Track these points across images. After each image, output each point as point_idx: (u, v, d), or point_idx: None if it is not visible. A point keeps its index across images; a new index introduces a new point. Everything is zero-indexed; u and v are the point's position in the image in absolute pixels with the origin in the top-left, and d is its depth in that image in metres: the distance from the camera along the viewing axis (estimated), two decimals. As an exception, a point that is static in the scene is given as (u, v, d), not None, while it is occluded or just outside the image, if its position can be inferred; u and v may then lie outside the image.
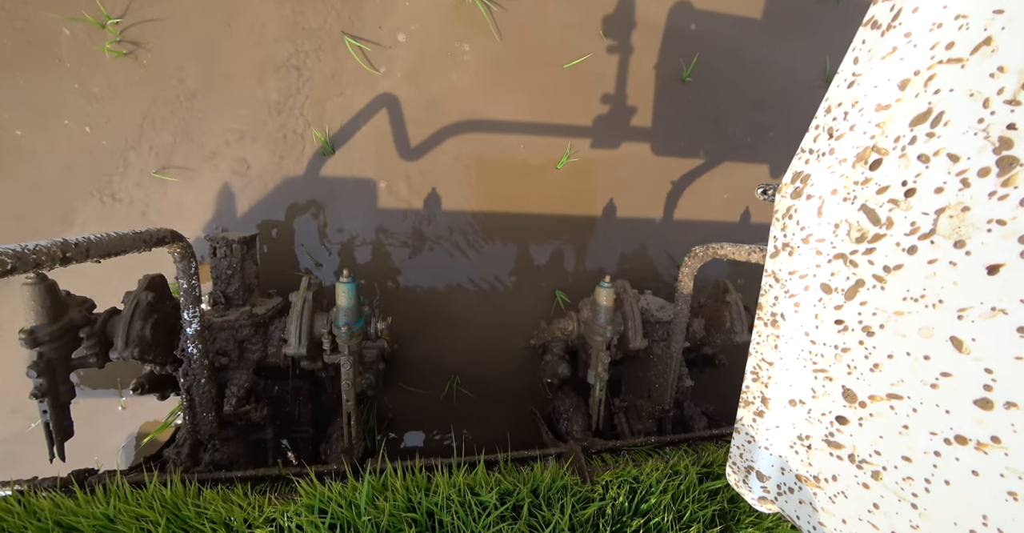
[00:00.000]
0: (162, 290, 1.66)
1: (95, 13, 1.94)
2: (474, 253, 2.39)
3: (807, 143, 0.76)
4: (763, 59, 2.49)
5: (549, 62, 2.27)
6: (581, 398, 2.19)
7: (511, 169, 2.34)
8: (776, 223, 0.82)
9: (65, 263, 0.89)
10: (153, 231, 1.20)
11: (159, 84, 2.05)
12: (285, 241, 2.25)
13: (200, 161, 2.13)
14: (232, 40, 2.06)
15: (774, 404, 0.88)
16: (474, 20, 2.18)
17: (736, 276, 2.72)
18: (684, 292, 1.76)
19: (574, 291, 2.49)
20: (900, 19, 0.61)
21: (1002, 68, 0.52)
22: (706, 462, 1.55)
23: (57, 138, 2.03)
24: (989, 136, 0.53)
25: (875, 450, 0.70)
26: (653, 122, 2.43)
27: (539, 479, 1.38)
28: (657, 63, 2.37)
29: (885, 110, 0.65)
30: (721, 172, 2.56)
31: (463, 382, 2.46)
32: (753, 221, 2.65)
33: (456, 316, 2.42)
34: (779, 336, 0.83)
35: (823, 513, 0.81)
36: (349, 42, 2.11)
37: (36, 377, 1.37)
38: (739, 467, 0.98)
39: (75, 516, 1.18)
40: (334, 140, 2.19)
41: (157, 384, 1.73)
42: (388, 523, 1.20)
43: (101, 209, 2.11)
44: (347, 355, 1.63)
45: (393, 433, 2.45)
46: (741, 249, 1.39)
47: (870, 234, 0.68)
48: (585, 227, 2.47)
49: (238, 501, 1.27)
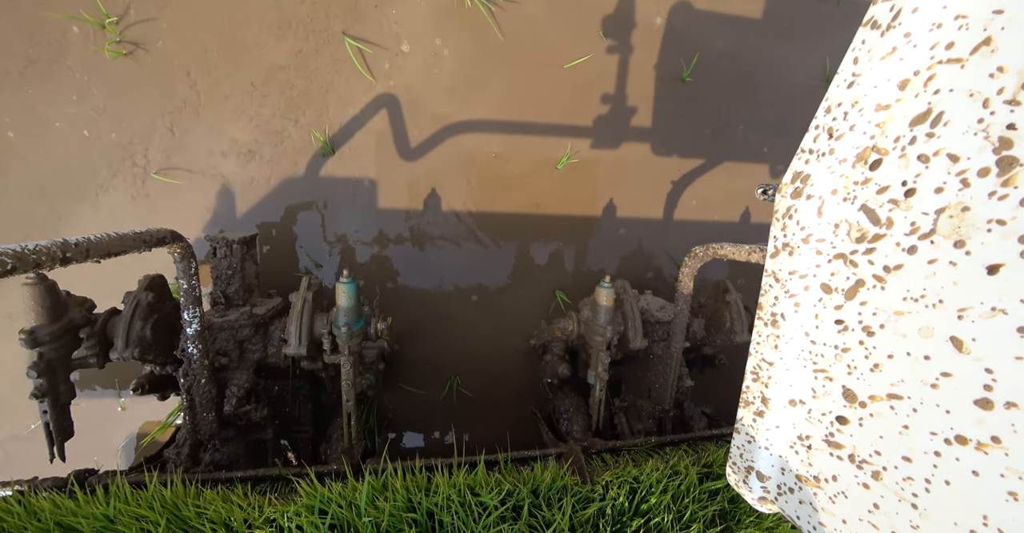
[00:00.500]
0: (162, 290, 1.66)
1: (95, 13, 1.94)
2: (474, 253, 2.40)
3: (807, 143, 0.76)
4: (763, 59, 2.49)
5: (549, 62, 2.27)
6: (581, 398, 2.19)
7: (511, 169, 2.34)
8: (776, 223, 0.82)
9: (65, 263, 0.89)
10: (153, 231, 1.20)
11: (159, 84, 2.05)
12: (285, 241, 2.25)
13: (200, 161, 2.13)
14: (232, 40, 2.06)
15: (774, 404, 0.88)
16: (475, 21, 2.18)
17: (736, 276, 2.72)
18: (684, 292, 1.76)
19: (574, 291, 2.49)
20: (900, 19, 0.61)
21: (1002, 68, 0.52)
22: (706, 462, 1.55)
23: (57, 138, 2.03)
24: (989, 136, 0.53)
25: (875, 450, 0.70)
26: (653, 122, 2.43)
27: (539, 479, 1.38)
28: (657, 63, 2.37)
29: (885, 110, 0.65)
30: (721, 172, 2.56)
31: (463, 382, 2.46)
32: (753, 221, 2.65)
33: (456, 316, 2.42)
34: (779, 336, 0.83)
35: (823, 513, 0.81)
36: (349, 43, 2.11)
37: (36, 377, 1.37)
38: (739, 467, 0.98)
39: (75, 517, 1.18)
40: (334, 141, 2.19)
41: (157, 384, 1.73)
42: (388, 523, 1.20)
43: (101, 209, 2.11)
44: (347, 355, 1.63)
45: (393, 433, 2.45)
46: (741, 249, 1.39)
47: (870, 234, 0.68)
48: (585, 227, 2.47)
49: (238, 501, 1.27)
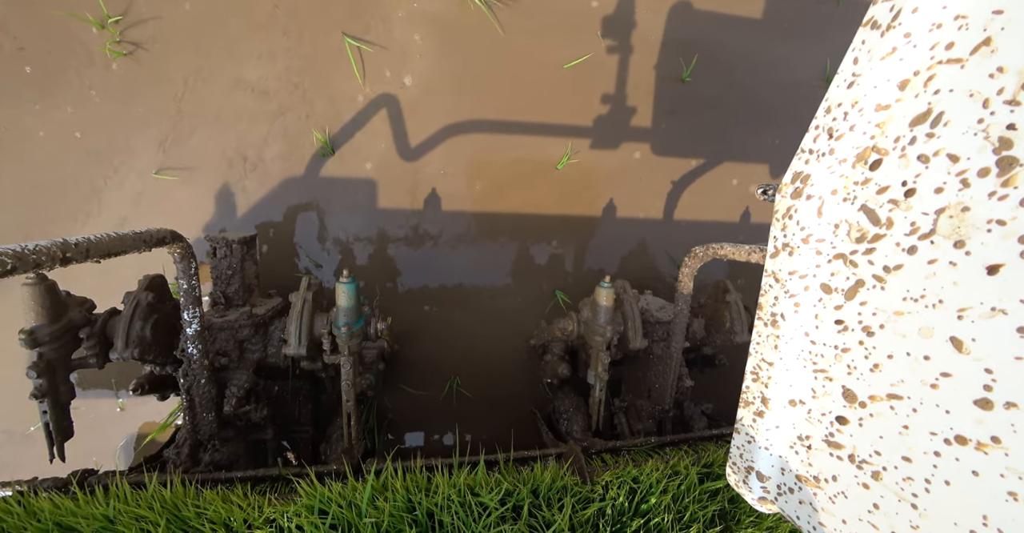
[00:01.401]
0: (162, 290, 1.66)
1: (96, 13, 1.94)
2: (474, 253, 2.39)
3: (807, 143, 0.76)
4: (763, 59, 2.49)
5: (549, 62, 2.27)
6: (581, 398, 2.19)
7: (511, 169, 2.34)
8: (776, 223, 0.82)
9: (65, 263, 0.89)
10: (153, 231, 1.20)
11: (159, 84, 2.05)
12: (285, 241, 2.25)
13: (200, 161, 2.13)
14: (231, 41, 2.06)
15: (774, 404, 0.88)
16: (475, 21, 2.18)
17: (736, 276, 2.72)
18: (684, 292, 1.76)
19: (574, 291, 2.49)
20: (900, 19, 0.61)
21: (1002, 68, 0.52)
22: (706, 462, 1.54)
23: (55, 138, 2.03)
24: (989, 136, 0.53)
25: (875, 450, 0.70)
26: (653, 122, 2.43)
27: (539, 479, 1.38)
28: (657, 63, 2.37)
29: (885, 110, 0.65)
30: (721, 172, 2.56)
31: (463, 382, 2.46)
32: (753, 221, 2.65)
33: (456, 316, 2.42)
34: (779, 336, 0.83)
35: (823, 513, 0.81)
36: (349, 42, 2.11)
37: (36, 377, 1.37)
38: (739, 467, 0.98)
39: (75, 517, 1.18)
40: (334, 141, 2.19)
41: (157, 384, 1.73)
42: (388, 523, 1.20)
43: (101, 209, 2.11)
44: (347, 355, 1.63)
45: (393, 433, 2.45)
46: (741, 249, 1.39)
47: (870, 234, 0.68)
48: (585, 227, 2.47)
49: (238, 501, 1.27)
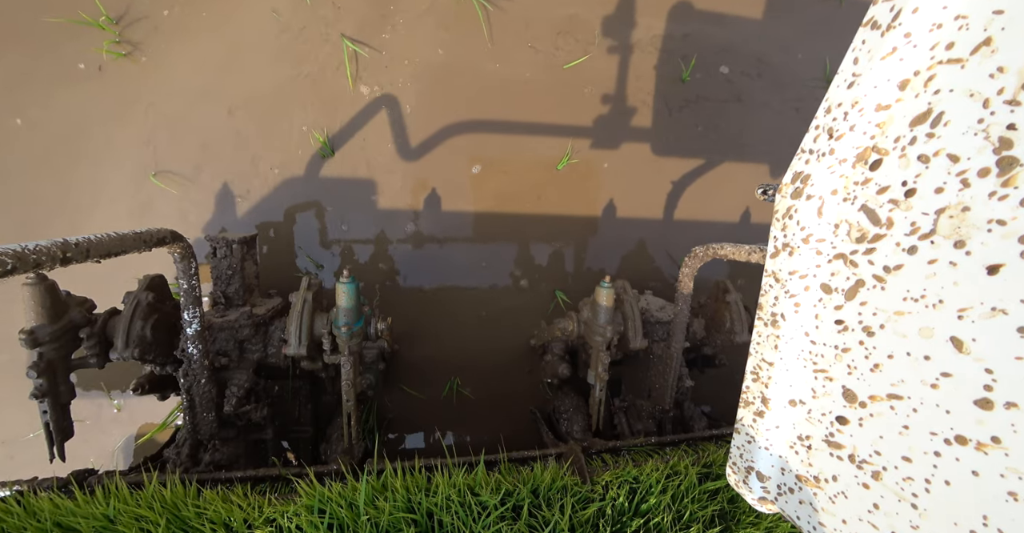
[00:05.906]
0: (162, 290, 1.66)
1: (94, 13, 1.94)
2: (474, 253, 2.39)
3: (807, 143, 0.76)
4: (763, 59, 2.49)
5: (549, 62, 2.27)
6: (581, 398, 2.19)
7: (511, 169, 2.34)
8: (776, 223, 0.82)
9: (65, 263, 0.89)
10: (153, 231, 1.20)
11: (158, 85, 2.05)
12: (285, 241, 2.25)
13: (200, 162, 2.13)
14: (231, 41, 2.06)
15: (774, 404, 0.88)
16: (473, 21, 2.18)
17: (736, 276, 2.72)
18: (684, 292, 1.76)
19: (574, 291, 2.49)
20: (900, 19, 0.61)
21: (1002, 68, 0.52)
22: (706, 462, 1.54)
23: (55, 138, 2.03)
24: (989, 136, 0.53)
25: (875, 450, 0.70)
26: (653, 122, 2.43)
27: (539, 479, 1.38)
28: (657, 63, 2.37)
29: (885, 110, 0.65)
30: (721, 172, 2.56)
31: (463, 382, 2.45)
32: (753, 221, 2.65)
33: (456, 316, 2.42)
34: (779, 336, 0.83)
35: (823, 513, 0.81)
36: (347, 44, 2.11)
37: (36, 377, 1.37)
38: (739, 467, 0.98)
39: (75, 517, 1.18)
40: (333, 141, 2.19)
41: (157, 384, 1.73)
42: (388, 523, 1.20)
43: (102, 210, 2.11)
44: (347, 355, 1.63)
45: (393, 433, 2.45)
46: (741, 249, 1.39)
47: (870, 234, 0.68)
48: (585, 227, 2.47)
49: (238, 501, 1.27)
